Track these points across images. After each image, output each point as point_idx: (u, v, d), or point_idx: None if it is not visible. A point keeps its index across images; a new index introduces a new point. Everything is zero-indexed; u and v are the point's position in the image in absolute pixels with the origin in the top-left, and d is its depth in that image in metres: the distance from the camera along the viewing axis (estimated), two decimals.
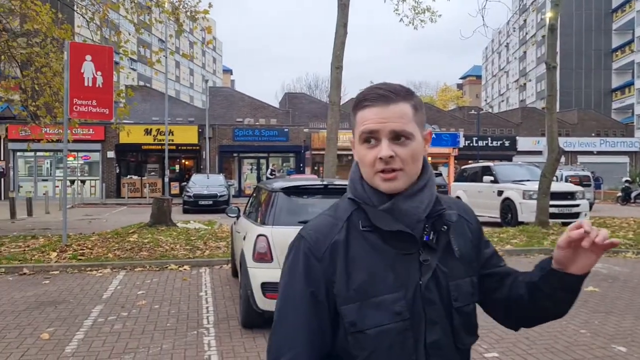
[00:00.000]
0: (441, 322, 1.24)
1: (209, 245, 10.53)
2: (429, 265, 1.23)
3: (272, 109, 38.04)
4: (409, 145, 1.22)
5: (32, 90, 12.55)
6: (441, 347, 1.23)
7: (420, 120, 1.26)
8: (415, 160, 1.24)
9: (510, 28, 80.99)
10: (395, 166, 1.21)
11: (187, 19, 12.82)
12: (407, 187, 1.24)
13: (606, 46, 63.49)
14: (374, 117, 1.21)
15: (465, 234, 1.34)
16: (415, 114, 1.24)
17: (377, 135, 1.21)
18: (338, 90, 12.45)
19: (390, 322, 1.19)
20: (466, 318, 1.28)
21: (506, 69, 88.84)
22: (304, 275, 1.24)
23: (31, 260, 8.86)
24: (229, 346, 4.96)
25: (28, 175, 28.52)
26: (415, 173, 1.26)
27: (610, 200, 26.47)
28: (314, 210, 5.87)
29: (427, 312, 1.22)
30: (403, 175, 1.22)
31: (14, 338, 5.15)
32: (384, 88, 1.24)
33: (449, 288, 1.25)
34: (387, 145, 1.20)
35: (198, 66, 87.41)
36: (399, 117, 1.21)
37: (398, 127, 1.21)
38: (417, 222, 1.24)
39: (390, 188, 1.23)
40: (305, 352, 1.20)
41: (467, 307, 1.29)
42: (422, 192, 1.26)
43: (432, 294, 1.23)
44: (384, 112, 1.21)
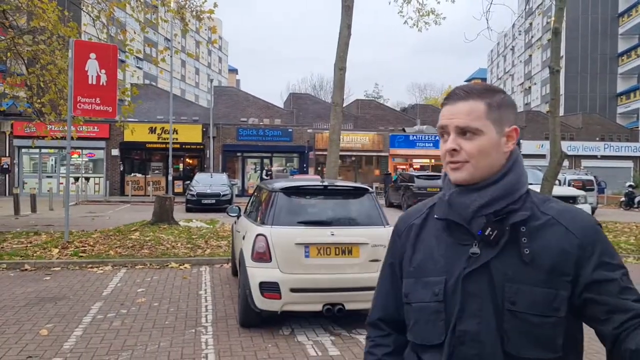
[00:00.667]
0: (483, 317, 1.25)
1: (210, 244, 10.56)
2: (477, 259, 1.27)
3: (276, 109, 38.07)
4: (475, 140, 1.30)
5: (38, 88, 12.62)
6: (477, 340, 1.25)
7: (498, 118, 1.31)
8: (485, 154, 1.30)
9: (515, 31, 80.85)
10: (459, 159, 1.30)
11: (193, 19, 12.87)
12: (478, 180, 1.30)
13: (612, 50, 63.24)
14: (445, 114, 1.35)
15: (557, 243, 1.25)
16: (490, 111, 1.31)
17: (447, 130, 1.34)
18: (341, 92, 12.43)
19: (429, 300, 1.31)
20: (528, 326, 1.23)
21: (511, 72, 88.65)
22: (389, 249, 1.50)
23: (33, 257, 8.92)
24: (226, 345, 4.99)
25: (33, 171, 28.64)
26: (487, 166, 1.31)
27: (613, 205, 26.37)
28: (313, 211, 5.90)
29: (464, 302, 1.27)
30: (469, 167, 1.30)
31: (13, 333, 5.19)
32: (462, 87, 1.35)
33: (504, 288, 1.24)
34: (452, 140, 1.32)
35: (204, 65, 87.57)
36: (465, 114, 1.30)
37: (462, 122, 1.30)
38: (473, 215, 1.29)
39: (456, 178, 1.32)
40: (379, 315, 1.48)
41: (533, 317, 1.23)
42: (487, 187, 1.30)
43: (477, 287, 1.26)
44: (452, 109, 1.33)
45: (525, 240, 1.26)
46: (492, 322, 1.24)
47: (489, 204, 1.29)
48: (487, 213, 1.28)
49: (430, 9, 14.35)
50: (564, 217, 1.28)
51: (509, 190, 1.30)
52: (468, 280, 1.27)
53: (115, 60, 10.38)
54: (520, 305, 1.23)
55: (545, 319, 1.23)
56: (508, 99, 1.35)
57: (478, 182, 1.31)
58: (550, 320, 1.23)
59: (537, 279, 1.24)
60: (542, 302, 1.23)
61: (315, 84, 70.04)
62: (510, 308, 1.23)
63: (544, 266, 1.24)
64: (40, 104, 12.60)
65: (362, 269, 5.34)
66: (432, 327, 1.30)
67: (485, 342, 1.24)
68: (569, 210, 1.31)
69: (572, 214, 1.30)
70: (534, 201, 1.32)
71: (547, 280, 1.23)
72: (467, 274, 1.27)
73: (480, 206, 1.29)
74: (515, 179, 1.31)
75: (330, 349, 4.95)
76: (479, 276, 1.26)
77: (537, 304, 1.23)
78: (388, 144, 32.42)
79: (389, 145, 32.42)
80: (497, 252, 1.26)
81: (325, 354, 4.81)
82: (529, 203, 1.31)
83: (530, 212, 1.29)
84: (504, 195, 1.29)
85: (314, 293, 5.27)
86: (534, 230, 1.27)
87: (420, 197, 20.46)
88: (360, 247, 5.39)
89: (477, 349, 1.25)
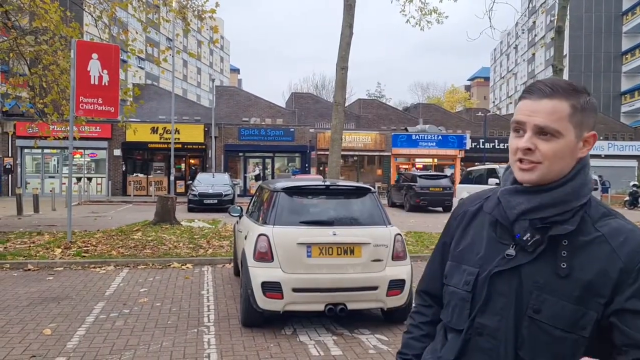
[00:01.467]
0: (504, 316, 1.26)
1: (212, 244, 10.57)
2: (510, 261, 1.27)
3: (278, 109, 38.06)
4: (553, 142, 1.23)
5: (40, 88, 12.65)
6: (494, 337, 1.27)
7: (580, 121, 1.26)
8: (560, 158, 1.25)
9: (519, 30, 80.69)
10: (533, 159, 1.25)
11: (195, 18, 12.87)
12: (548, 182, 1.26)
13: (616, 49, 63.07)
14: (524, 109, 1.27)
15: (599, 262, 1.20)
16: (574, 113, 1.25)
17: (524, 127, 1.26)
18: (343, 91, 12.43)
19: (461, 288, 1.36)
20: (547, 338, 1.21)
21: (514, 71, 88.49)
22: (444, 229, 1.53)
23: (36, 257, 8.94)
24: (228, 345, 4.98)
25: (35, 172, 28.71)
26: (560, 170, 1.26)
27: (617, 204, 26.30)
28: (315, 211, 5.89)
29: (490, 297, 1.29)
30: (541, 169, 1.25)
31: (16, 333, 5.20)
32: (546, 82, 1.28)
33: (531, 295, 1.23)
34: (528, 138, 1.25)
35: (205, 65, 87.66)
36: (548, 113, 1.24)
37: (542, 122, 1.23)
38: (517, 217, 1.28)
39: (524, 178, 1.28)
40: (424, 287, 1.56)
41: (554, 329, 1.21)
42: (539, 193, 1.27)
43: (504, 287, 1.27)
44: (535, 105, 1.25)
45: (564, 254, 1.23)
46: (511, 323, 1.25)
47: (534, 210, 1.26)
48: (532, 219, 1.26)
49: (433, 8, 14.37)
50: (615, 237, 1.22)
51: (561, 199, 1.25)
52: (497, 278, 1.28)
53: (117, 61, 10.40)
54: (544, 315, 1.22)
55: (567, 334, 1.20)
56: (592, 102, 1.29)
57: (542, 186, 1.27)
58: (572, 337, 1.20)
59: (568, 294, 1.21)
60: (569, 317, 1.20)
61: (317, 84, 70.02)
62: (532, 315, 1.23)
63: (579, 283, 1.20)
64: (42, 104, 12.63)
65: (364, 269, 5.34)
66: (459, 313, 1.35)
67: (501, 340, 1.26)
68: (625, 231, 1.23)
69: (625, 235, 1.22)
70: (590, 215, 1.26)
71: (579, 298, 1.20)
72: (497, 272, 1.28)
73: (525, 210, 1.27)
74: (572, 189, 1.26)
75: (332, 348, 4.94)
76: (508, 277, 1.27)
77: (562, 319, 1.21)
78: (390, 144, 32.39)
79: (391, 145, 32.39)
80: (531, 259, 1.25)
81: (327, 353, 4.81)
82: (580, 216, 1.25)
83: (577, 227, 1.24)
84: (554, 204, 1.25)
85: (316, 293, 5.27)
86: (579, 246, 1.23)
87: (422, 196, 20.44)
88: (363, 247, 5.38)
89: (492, 345, 1.27)
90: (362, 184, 6.42)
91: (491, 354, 1.27)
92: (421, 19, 14.48)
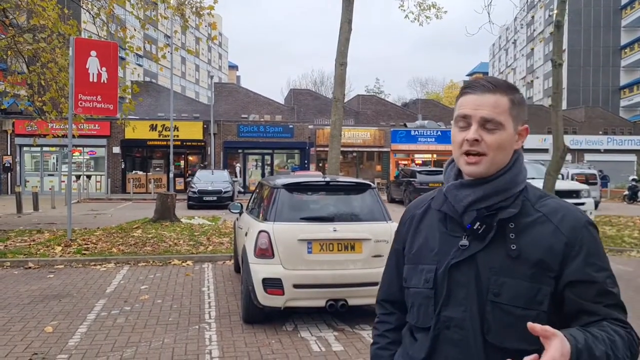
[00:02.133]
0: (467, 305, 1.31)
1: (212, 240, 10.58)
2: (465, 251, 1.33)
3: (277, 105, 38.02)
4: (496, 134, 1.32)
5: (39, 86, 12.61)
6: (460, 327, 1.32)
7: (516, 115, 1.36)
8: (502, 149, 1.34)
9: (517, 25, 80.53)
10: (479, 150, 1.32)
11: (193, 15, 12.84)
12: (492, 174, 1.34)
13: (615, 43, 63.01)
14: (469, 103, 1.34)
15: (545, 240, 1.29)
16: (512, 107, 1.35)
17: (469, 120, 1.34)
18: (342, 87, 12.41)
19: (422, 287, 1.39)
20: (510, 318, 1.27)
21: (513, 66, 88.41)
22: (395, 236, 1.57)
23: (36, 255, 8.94)
24: (229, 341, 4.99)
25: (34, 170, 28.68)
26: (501, 162, 1.35)
27: (617, 198, 26.32)
28: (315, 207, 5.90)
29: (451, 290, 1.34)
30: (486, 162, 1.33)
31: (18, 331, 5.21)
32: (487, 79, 1.37)
33: (489, 280, 1.30)
34: (475, 130, 1.32)
35: (204, 62, 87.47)
36: (492, 106, 1.32)
37: (488, 114, 1.32)
38: (465, 209, 1.35)
39: (471, 171, 1.35)
40: (383, 296, 1.59)
41: (515, 309, 1.27)
42: (482, 184, 1.34)
43: (463, 277, 1.32)
44: (479, 99, 1.33)
45: (512, 236, 1.30)
46: (475, 311, 1.30)
47: (480, 200, 1.34)
48: (479, 208, 1.33)
49: (431, 3, 14.31)
50: (556, 215, 1.32)
51: (502, 187, 1.34)
52: (455, 270, 1.33)
53: (115, 58, 10.37)
54: (504, 297, 1.28)
55: (527, 311, 1.27)
56: (524, 98, 1.40)
57: (485, 178, 1.34)
58: (532, 313, 1.26)
59: (522, 274, 1.28)
60: (525, 295, 1.27)
61: (316, 80, 69.84)
62: (493, 299, 1.29)
63: (530, 262, 1.28)
64: (41, 102, 12.60)
65: (364, 265, 5.34)
66: (425, 311, 1.38)
67: (468, 329, 1.31)
68: (562, 209, 1.34)
69: (563, 212, 1.32)
70: (529, 198, 1.35)
71: (532, 275, 1.27)
72: (455, 264, 1.33)
73: (472, 201, 1.34)
74: (511, 178, 1.35)
75: (333, 344, 4.95)
76: (466, 267, 1.32)
77: (520, 297, 1.27)
78: (389, 140, 32.38)
79: (390, 141, 32.38)
80: (484, 246, 1.31)
81: (328, 349, 4.82)
82: (521, 200, 1.34)
83: (520, 209, 1.32)
84: (497, 192, 1.34)
85: (316, 289, 5.28)
86: (523, 227, 1.31)
87: (422, 192, 20.32)
88: (363, 243, 5.38)
89: (460, 335, 1.31)
90: (362, 180, 6.42)
91: (461, 344, 1.31)
92: (420, 14, 14.45)
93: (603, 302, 1.27)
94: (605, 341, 1.20)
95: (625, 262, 9.24)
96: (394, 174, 29.21)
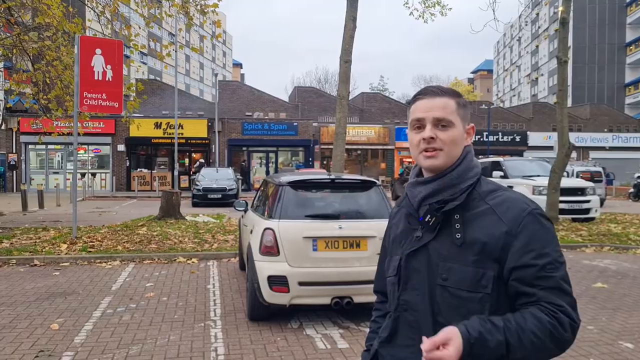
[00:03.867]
0: (421, 290, 1.47)
1: (217, 238, 10.59)
2: (419, 241, 1.49)
3: (281, 103, 38.00)
4: (448, 131, 1.48)
5: (44, 84, 12.65)
6: (414, 309, 1.48)
7: (463, 115, 1.52)
8: (455, 144, 1.49)
9: (522, 22, 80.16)
10: (436, 146, 1.47)
11: (197, 13, 12.83)
12: (446, 167, 1.48)
13: (620, 40, 62.64)
14: (422, 107, 1.51)
15: (487, 230, 1.41)
16: (459, 108, 1.51)
17: (423, 122, 1.50)
18: (347, 85, 12.39)
19: (390, 275, 1.58)
20: (457, 300, 1.41)
21: (518, 63, 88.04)
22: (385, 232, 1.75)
23: (42, 252, 8.97)
24: (235, 338, 5.00)
25: (39, 167, 28.79)
26: (455, 156, 1.50)
27: (622, 196, 26.22)
28: (321, 205, 5.89)
29: (408, 276, 1.50)
30: (443, 155, 1.48)
31: (24, 328, 5.23)
32: (435, 86, 1.55)
33: (438, 266, 1.44)
34: (429, 129, 1.48)
35: (208, 60, 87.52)
36: (442, 108, 1.49)
37: (440, 115, 1.48)
38: (419, 204, 1.51)
39: (430, 164, 1.49)
40: (377, 287, 1.75)
41: (461, 291, 1.41)
42: (434, 181, 1.50)
43: (419, 264, 1.48)
44: (431, 103, 1.50)
45: (458, 226, 1.44)
46: (427, 295, 1.45)
47: (431, 195, 1.49)
48: (430, 202, 1.49)
49: (436, 0, 14.24)
50: (501, 207, 1.44)
51: (450, 183, 1.48)
52: (411, 258, 1.50)
53: (120, 56, 10.38)
54: (451, 281, 1.42)
55: (472, 294, 1.40)
56: (467, 102, 1.57)
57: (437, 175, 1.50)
58: (477, 296, 1.40)
59: (467, 260, 1.41)
60: (470, 279, 1.40)
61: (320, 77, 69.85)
62: (441, 283, 1.43)
63: (474, 249, 1.41)
64: (46, 100, 12.64)
65: (370, 262, 5.33)
66: (392, 296, 1.57)
67: (421, 311, 1.46)
68: (508, 200, 1.45)
69: (509, 204, 1.44)
70: (480, 192, 1.48)
71: (476, 261, 1.40)
72: (411, 252, 1.50)
73: (424, 197, 1.50)
74: (458, 174, 1.49)
75: (339, 342, 4.95)
76: (420, 255, 1.48)
77: (466, 281, 1.40)
78: (394, 137, 32.32)
79: (394, 138, 32.32)
80: (434, 236, 1.47)
81: (334, 347, 4.82)
82: (467, 193, 1.47)
83: (468, 202, 1.46)
84: (445, 188, 1.48)
85: (322, 286, 5.27)
86: (469, 218, 1.44)
87: None
88: (368, 240, 5.38)
89: (415, 316, 1.47)
90: (367, 178, 6.40)
91: (415, 325, 1.47)
92: (424, 12, 14.40)
93: (540, 286, 1.37)
94: (510, 330, 1.32)
95: (630, 259, 9.20)
96: (398, 172, 29.19)
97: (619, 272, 8.12)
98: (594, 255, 9.65)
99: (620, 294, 6.75)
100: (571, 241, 10.48)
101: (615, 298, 6.52)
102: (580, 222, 13.04)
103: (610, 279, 7.55)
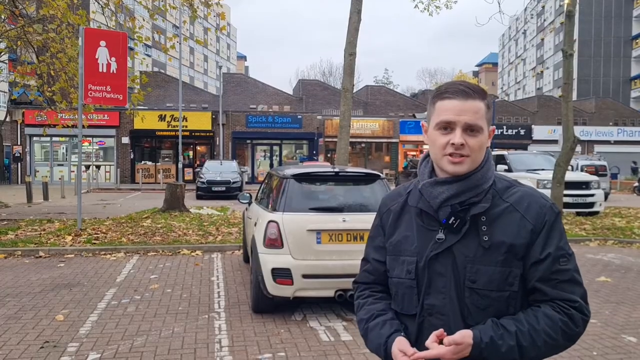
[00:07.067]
0: (448, 293, 1.44)
1: (221, 231, 10.62)
2: (442, 244, 1.45)
3: (285, 96, 37.95)
4: (478, 137, 1.44)
5: (48, 76, 12.66)
6: (442, 313, 1.45)
7: (489, 118, 1.49)
8: (481, 150, 1.46)
9: (528, 15, 79.60)
10: (464, 153, 1.43)
11: (201, 5, 12.80)
12: (470, 172, 1.45)
13: (626, 33, 62.17)
14: (452, 109, 1.44)
15: (513, 229, 1.42)
16: (487, 111, 1.47)
17: (453, 126, 1.44)
18: (351, 77, 12.35)
19: (404, 277, 1.51)
20: (486, 301, 1.42)
21: (523, 57, 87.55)
22: (372, 225, 1.70)
23: (47, 244, 9.02)
24: (239, 330, 5.02)
25: (44, 160, 28.89)
26: (479, 161, 1.47)
27: (626, 190, 26.12)
28: (324, 197, 5.89)
29: (431, 280, 1.46)
30: (469, 162, 1.44)
31: (29, 319, 5.27)
32: (464, 85, 1.46)
33: (465, 269, 1.42)
34: (460, 135, 1.42)
35: (212, 52, 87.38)
36: (474, 112, 1.43)
37: (472, 120, 1.43)
38: (440, 205, 1.46)
39: (456, 170, 1.45)
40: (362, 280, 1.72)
41: (490, 292, 1.41)
42: (456, 182, 1.45)
43: (443, 268, 1.45)
44: (462, 106, 1.43)
45: (484, 228, 1.43)
46: (454, 298, 1.43)
47: (454, 196, 1.45)
48: (453, 204, 1.45)
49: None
50: (521, 204, 1.45)
51: (474, 184, 1.45)
52: (434, 262, 1.46)
53: (125, 48, 10.37)
54: (480, 282, 1.41)
55: (501, 293, 1.41)
56: (491, 100, 1.45)
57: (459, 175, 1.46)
58: (505, 295, 1.41)
59: (494, 261, 1.41)
60: (498, 279, 1.41)
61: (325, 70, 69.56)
62: (470, 286, 1.42)
63: (501, 250, 1.41)
64: (50, 92, 12.66)
65: None
66: (409, 300, 1.51)
67: (449, 315, 1.43)
68: (527, 197, 1.47)
69: (528, 200, 1.46)
70: (497, 190, 1.48)
71: (503, 261, 1.41)
72: (434, 256, 1.46)
73: (446, 198, 1.45)
74: (482, 175, 1.46)
75: (342, 334, 4.97)
76: (444, 258, 1.45)
77: (494, 281, 1.41)
78: (398, 130, 32.26)
79: (399, 132, 32.26)
80: (459, 238, 1.44)
81: (337, 339, 4.83)
82: (491, 194, 1.46)
83: (491, 203, 1.45)
84: (469, 189, 1.45)
85: (325, 279, 5.28)
86: (493, 219, 1.44)
87: None
88: None
89: (442, 320, 1.44)
90: (371, 171, 6.39)
91: (444, 329, 1.41)
92: (429, 4, 14.31)
93: (556, 279, 1.41)
94: (523, 332, 1.36)
95: (634, 253, 9.18)
96: (402, 165, 29.15)
97: (622, 266, 8.11)
98: (598, 249, 9.63)
99: (624, 287, 6.74)
100: (575, 235, 10.46)
101: (619, 292, 6.51)
102: (584, 216, 13.01)
103: (614, 273, 7.54)
